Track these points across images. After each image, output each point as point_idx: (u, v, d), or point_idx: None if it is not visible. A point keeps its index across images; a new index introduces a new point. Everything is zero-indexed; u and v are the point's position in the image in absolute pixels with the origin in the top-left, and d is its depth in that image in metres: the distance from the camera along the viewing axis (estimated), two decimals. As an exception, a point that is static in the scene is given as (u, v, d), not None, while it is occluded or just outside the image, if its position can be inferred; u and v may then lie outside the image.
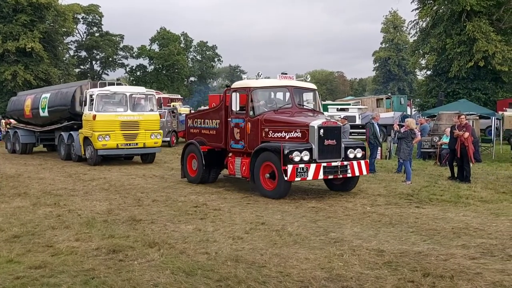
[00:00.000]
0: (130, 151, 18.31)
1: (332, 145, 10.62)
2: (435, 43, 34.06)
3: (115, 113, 17.72)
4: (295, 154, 10.16)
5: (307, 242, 7.17)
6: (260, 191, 11.03)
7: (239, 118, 11.82)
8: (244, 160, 11.63)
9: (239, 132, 11.79)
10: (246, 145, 11.60)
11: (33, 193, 11.67)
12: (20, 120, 24.43)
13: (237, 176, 11.95)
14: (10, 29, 44.59)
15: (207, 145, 12.91)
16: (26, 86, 45.21)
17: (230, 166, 12.22)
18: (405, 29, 71.94)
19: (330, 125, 10.74)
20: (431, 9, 34.99)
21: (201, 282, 5.50)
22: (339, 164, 10.73)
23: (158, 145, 18.76)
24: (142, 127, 17.97)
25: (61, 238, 7.42)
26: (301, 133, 10.64)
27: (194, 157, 13.21)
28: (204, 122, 13.21)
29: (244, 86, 11.95)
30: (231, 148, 12.18)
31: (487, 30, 31.43)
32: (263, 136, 11.22)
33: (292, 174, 10.10)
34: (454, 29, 33.17)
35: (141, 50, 75.52)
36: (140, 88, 19.60)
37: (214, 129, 12.76)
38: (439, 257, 6.37)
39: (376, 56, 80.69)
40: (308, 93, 12.61)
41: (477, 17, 32.27)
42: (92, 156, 17.78)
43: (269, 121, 11.21)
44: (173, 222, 8.47)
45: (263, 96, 12.16)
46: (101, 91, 17.84)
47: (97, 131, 17.27)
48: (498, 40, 31.78)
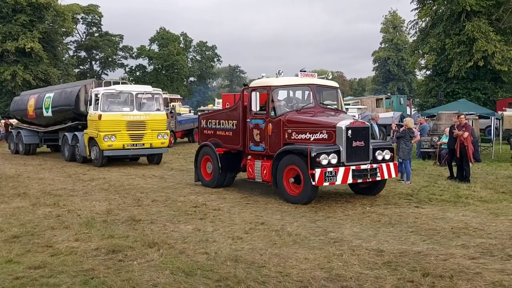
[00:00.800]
0: (136, 152, 17.84)
1: (360, 146, 10.02)
2: (434, 43, 34.03)
3: (121, 112, 17.28)
4: (322, 157, 9.52)
5: (306, 242, 7.17)
6: (283, 196, 10.41)
7: (259, 119, 11.19)
8: (265, 163, 11.04)
9: (259, 133, 11.17)
10: (267, 148, 10.98)
11: (32, 193, 11.66)
12: (23, 120, 24.07)
13: (257, 180, 11.35)
14: (9, 29, 44.61)
15: (223, 147, 12.30)
16: (26, 86, 45.22)
17: (249, 169, 11.59)
18: (404, 29, 72.02)
19: (358, 125, 10.14)
20: (431, 9, 34.98)
21: (200, 282, 5.50)
22: (369, 167, 10.14)
23: (165, 145, 18.28)
24: (148, 127, 17.52)
25: (60, 238, 7.42)
26: (328, 134, 9.98)
27: (209, 160, 12.58)
28: (219, 123, 12.54)
29: (265, 84, 11.26)
30: (250, 150, 11.55)
31: (487, 30, 31.42)
32: (285, 137, 10.59)
33: (320, 179, 9.46)
34: (454, 29, 33.16)
35: (141, 50, 75.57)
36: (146, 87, 18.96)
37: (230, 130, 12.13)
38: (438, 257, 6.37)
39: (376, 56, 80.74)
40: (330, 92, 11.96)
41: (477, 17, 32.26)
42: (97, 157, 17.38)
43: (292, 121, 10.57)
44: (173, 222, 8.47)
45: (284, 95, 11.55)
46: (106, 90, 17.40)
47: (103, 131, 16.85)
48: (498, 40, 31.77)
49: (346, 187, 11.72)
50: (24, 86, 45.08)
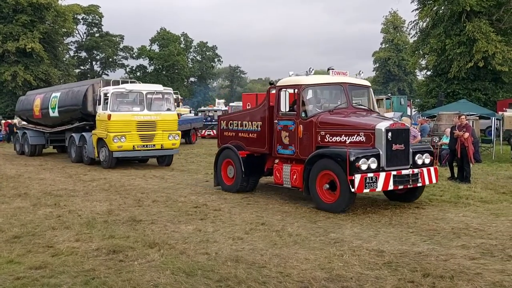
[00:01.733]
0: (147, 153, 17.28)
1: (400, 150, 9.32)
2: (435, 43, 34.02)
3: (131, 112, 16.74)
4: (362, 161, 8.81)
5: (307, 242, 7.17)
6: (316, 203, 9.67)
7: (288, 120, 10.45)
8: (295, 168, 10.25)
9: (288, 135, 10.42)
10: (297, 151, 10.22)
11: (33, 193, 11.67)
12: (29, 121, 23.54)
13: (285, 186, 10.63)
14: (10, 30, 44.66)
15: (246, 150, 11.60)
16: (26, 86, 45.29)
17: (277, 174, 10.84)
18: (405, 30, 72.07)
19: (398, 127, 9.45)
20: (431, 10, 34.97)
21: (201, 283, 5.51)
22: (410, 172, 9.42)
23: (176, 146, 17.72)
24: (159, 127, 16.96)
25: (61, 238, 7.43)
26: (366, 137, 9.22)
27: (231, 163, 11.84)
28: (241, 124, 11.83)
29: (294, 83, 10.48)
30: (277, 153, 10.80)
31: (487, 30, 31.41)
32: (318, 140, 9.82)
33: (360, 185, 8.73)
34: (454, 30, 33.16)
35: (141, 50, 75.63)
36: (157, 86, 18.29)
37: (254, 132, 11.43)
38: (439, 257, 6.38)
39: (376, 57, 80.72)
40: (361, 91, 11.24)
41: (477, 17, 32.25)
42: (106, 158, 16.84)
43: (326, 123, 9.81)
44: (173, 223, 8.48)
45: (315, 94, 10.80)
46: (116, 89, 16.83)
47: (113, 132, 16.29)
48: (498, 41, 31.76)
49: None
50: (24, 87, 45.14)
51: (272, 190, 12.01)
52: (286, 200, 10.65)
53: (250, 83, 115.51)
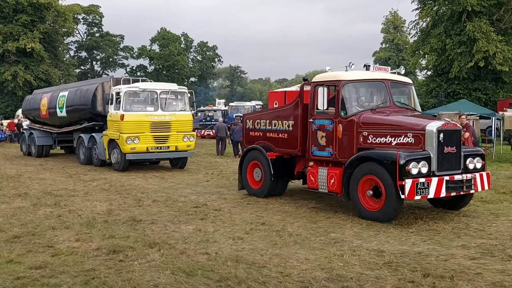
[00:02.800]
0: (161, 155, 16.48)
1: (452, 153, 8.55)
2: (435, 43, 34.04)
3: (144, 112, 15.97)
4: (412, 165, 8.04)
5: (307, 242, 7.17)
6: (359, 211, 8.88)
7: (325, 119, 9.59)
8: (333, 171, 9.41)
9: (325, 136, 9.58)
10: (336, 153, 9.39)
11: (33, 193, 11.67)
12: (36, 121, 22.78)
13: (321, 191, 9.73)
14: (10, 29, 44.71)
15: (275, 152, 10.82)
16: (27, 86, 45.39)
17: (311, 178, 9.93)
18: (405, 29, 72.06)
19: (450, 128, 8.61)
20: (431, 9, 35.00)
21: (201, 283, 5.51)
22: (464, 177, 8.58)
23: (191, 148, 16.92)
24: (174, 128, 16.21)
25: (61, 238, 7.43)
26: (415, 138, 8.43)
27: (258, 166, 11.05)
28: (270, 124, 11.04)
29: (333, 79, 9.65)
30: (312, 155, 9.94)
31: (488, 30, 31.43)
32: (360, 141, 9.01)
33: (411, 191, 7.92)
34: (454, 29, 33.18)
35: (142, 50, 75.67)
36: (171, 84, 17.46)
37: (285, 132, 10.62)
38: (439, 257, 6.38)
39: (376, 57, 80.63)
40: (403, 89, 10.51)
41: (478, 17, 32.28)
42: (118, 161, 16.10)
43: (369, 123, 9.02)
44: (174, 223, 8.48)
45: (356, 91, 9.81)
46: (129, 88, 16.08)
47: (125, 133, 15.53)
48: (499, 40, 31.79)
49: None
50: (25, 87, 45.23)
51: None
52: (287, 200, 10.65)
53: (250, 83, 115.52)
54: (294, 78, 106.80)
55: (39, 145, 21.81)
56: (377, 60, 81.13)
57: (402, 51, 76.35)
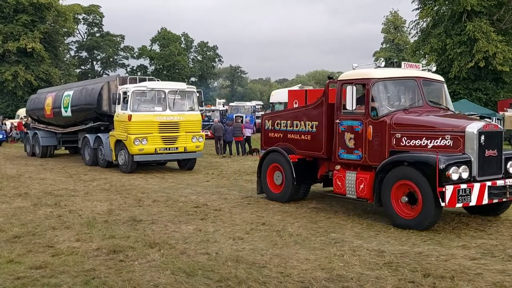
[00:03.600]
0: (169, 157, 16.07)
1: (493, 156, 7.99)
2: (435, 43, 34.04)
3: (153, 112, 15.53)
4: (453, 169, 7.45)
5: (307, 242, 7.17)
6: (392, 218, 8.28)
7: (354, 120, 8.99)
8: (362, 176, 8.82)
9: (354, 138, 8.98)
10: (365, 156, 8.78)
11: (34, 193, 11.67)
12: (40, 120, 22.34)
13: (349, 196, 9.13)
14: (10, 29, 44.72)
15: (297, 154, 10.25)
16: (27, 86, 45.43)
17: (338, 182, 9.32)
18: (405, 30, 72.06)
19: (491, 129, 8.08)
20: (432, 9, 35.01)
21: (201, 283, 5.51)
22: (509, 183, 7.98)
23: (200, 149, 16.46)
24: (182, 128, 15.78)
25: (61, 238, 7.43)
26: (453, 141, 7.85)
27: (279, 169, 10.50)
28: (292, 125, 10.46)
29: (362, 77, 9.10)
30: (339, 158, 9.32)
31: (488, 30, 31.44)
32: (392, 144, 8.43)
33: (452, 199, 7.38)
34: (455, 29, 33.19)
35: (142, 50, 75.72)
36: (180, 84, 17.07)
37: (308, 133, 10.03)
38: (439, 257, 6.37)
39: (377, 57, 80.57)
40: (435, 87, 9.76)
41: (478, 17, 32.29)
42: (126, 162, 15.66)
43: (403, 124, 8.42)
44: (174, 223, 8.48)
45: (387, 90, 9.21)
46: (137, 88, 15.64)
47: (133, 134, 15.06)
48: (499, 41, 31.79)
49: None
50: (25, 87, 45.29)
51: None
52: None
53: (250, 83, 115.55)
54: (295, 78, 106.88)
55: (43, 146, 21.40)
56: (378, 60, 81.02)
57: (402, 51, 76.34)
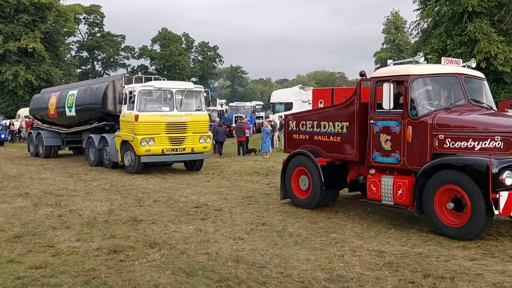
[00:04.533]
0: (176, 158, 15.81)
1: None
2: (436, 43, 34.02)
3: (160, 113, 15.25)
4: (506, 174, 6.91)
5: (307, 242, 7.18)
6: (435, 227, 7.72)
7: (391, 120, 8.34)
8: (400, 180, 8.17)
9: (391, 139, 8.33)
10: (404, 159, 8.14)
11: (34, 193, 11.68)
12: (44, 120, 22.10)
13: (385, 203, 8.44)
14: (11, 29, 44.79)
15: (325, 157, 9.63)
16: (28, 86, 45.50)
17: (372, 187, 8.63)
18: (406, 30, 72.09)
19: None
20: (433, 10, 35.00)
21: (201, 283, 5.51)
22: None
23: (208, 150, 16.16)
24: (190, 129, 15.49)
25: (62, 238, 7.44)
26: (504, 142, 7.23)
27: (305, 173, 9.88)
28: (319, 125, 9.80)
29: (400, 73, 8.46)
30: (374, 162, 8.66)
31: (489, 31, 31.41)
32: (435, 146, 7.83)
33: (507, 206, 6.86)
34: (456, 30, 33.17)
35: (143, 50, 75.76)
36: (187, 83, 16.70)
37: (338, 134, 9.37)
38: (439, 258, 6.38)
39: (378, 57, 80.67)
40: (476, 85, 9.01)
41: (479, 18, 32.26)
42: (132, 163, 15.41)
43: (446, 125, 7.83)
44: (174, 223, 8.48)
45: (428, 88, 8.59)
46: (144, 87, 15.36)
47: (140, 134, 14.79)
48: (500, 41, 31.77)
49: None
50: (26, 86, 45.38)
51: (273, 189, 12.01)
52: (287, 200, 10.64)
53: (251, 83, 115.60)
54: (295, 79, 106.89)
55: (47, 146, 21.21)
56: (378, 60, 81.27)
57: (403, 52, 76.35)
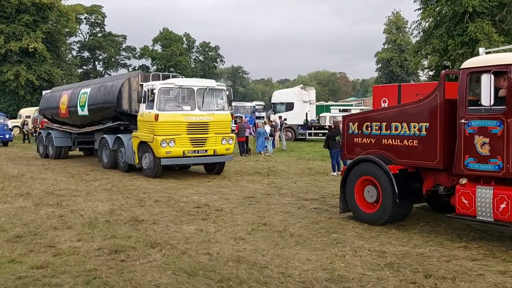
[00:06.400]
0: (198, 160, 14.81)
1: None
2: (437, 44, 33.99)
3: (181, 112, 14.27)
4: None
5: (309, 243, 7.17)
6: None
7: (490, 119, 7.07)
8: (503, 192, 6.90)
9: (489, 142, 7.08)
10: (508, 166, 6.87)
11: (35, 193, 11.69)
12: (54, 120, 21.19)
13: (482, 219, 7.16)
14: (13, 29, 44.79)
15: (397, 164, 8.26)
16: (29, 86, 45.56)
17: (463, 200, 7.34)
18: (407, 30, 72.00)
19: None
20: (434, 10, 34.97)
21: (202, 283, 5.51)
22: None
23: (230, 152, 15.17)
24: (212, 129, 14.53)
25: (63, 238, 7.44)
26: None
27: (372, 183, 8.48)
28: (388, 127, 8.45)
29: (502, 63, 7.12)
30: (466, 169, 7.38)
31: (490, 31, 31.37)
32: None
33: None
34: (457, 30, 33.13)
35: (144, 50, 75.80)
36: (209, 81, 15.65)
37: (414, 137, 8.04)
38: (441, 258, 6.37)
39: (379, 57, 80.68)
40: None
41: (480, 18, 32.22)
42: (151, 166, 14.42)
43: None
44: (175, 223, 8.48)
45: None
46: (164, 85, 14.40)
47: (160, 135, 13.85)
48: (501, 42, 31.70)
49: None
50: (27, 86, 45.43)
51: (274, 189, 12.01)
52: (288, 201, 10.64)
53: (252, 83, 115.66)
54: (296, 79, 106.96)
55: (57, 146, 20.45)
56: (380, 60, 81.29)
57: (404, 52, 76.32)
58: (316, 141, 30.71)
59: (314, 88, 37.51)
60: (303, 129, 31.75)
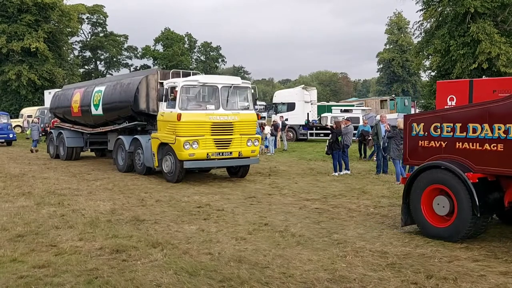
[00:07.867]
0: (222, 163, 13.68)
1: None
2: (439, 44, 33.98)
3: (205, 111, 13.27)
4: None
5: (310, 243, 7.17)
6: None
7: None
8: None
9: None
10: None
11: (37, 192, 11.70)
12: (66, 119, 20.37)
13: None
14: (15, 29, 44.89)
15: (475, 171, 7.14)
16: (31, 85, 45.64)
17: None
18: (409, 30, 72.05)
19: None
20: (436, 11, 34.96)
21: (204, 283, 5.51)
22: None
23: (256, 154, 14.12)
24: (236, 130, 13.52)
25: (64, 237, 7.45)
26: None
27: (444, 193, 7.47)
28: (464, 129, 7.33)
29: None
30: None
31: (492, 31, 31.35)
32: None
33: None
34: (458, 31, 33.12)
35: (145, 50, 75.95)
36: (234, 78, 14.55)
37: (499, 141, 6.92)
38: (442, 259, 6.36)
39: (380, 58, 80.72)
40: None
41: (482, 18, 32.20)
42: (172, 169, 13.41)
43: None
44: (177, 223, 8.49)
45: None
46: (187, 82, 13.42)
47: (183, 136, 12.85)
48: (503, 42, 31.69)
49: (346, 188, 11.65)
50: (29, 86, 45.52)
51: (276, 190, 12.01)
52: (290, 201, 10.64)
53: (253, 84, 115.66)
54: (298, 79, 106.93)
55: (68, 147, 19.59)
56: (381, 61, 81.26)
57: (406, 52, 76.31)
58: (317, 141, 30.71)
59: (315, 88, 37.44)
60: (304, 129, 31.77)
